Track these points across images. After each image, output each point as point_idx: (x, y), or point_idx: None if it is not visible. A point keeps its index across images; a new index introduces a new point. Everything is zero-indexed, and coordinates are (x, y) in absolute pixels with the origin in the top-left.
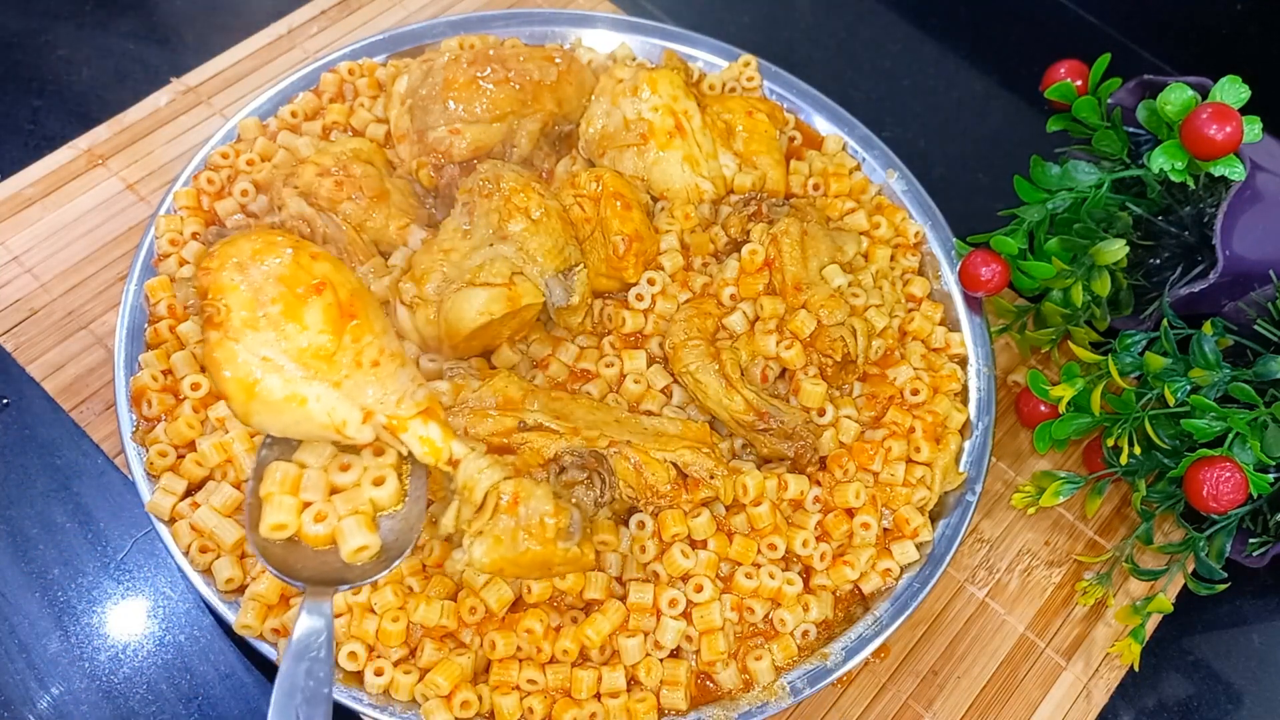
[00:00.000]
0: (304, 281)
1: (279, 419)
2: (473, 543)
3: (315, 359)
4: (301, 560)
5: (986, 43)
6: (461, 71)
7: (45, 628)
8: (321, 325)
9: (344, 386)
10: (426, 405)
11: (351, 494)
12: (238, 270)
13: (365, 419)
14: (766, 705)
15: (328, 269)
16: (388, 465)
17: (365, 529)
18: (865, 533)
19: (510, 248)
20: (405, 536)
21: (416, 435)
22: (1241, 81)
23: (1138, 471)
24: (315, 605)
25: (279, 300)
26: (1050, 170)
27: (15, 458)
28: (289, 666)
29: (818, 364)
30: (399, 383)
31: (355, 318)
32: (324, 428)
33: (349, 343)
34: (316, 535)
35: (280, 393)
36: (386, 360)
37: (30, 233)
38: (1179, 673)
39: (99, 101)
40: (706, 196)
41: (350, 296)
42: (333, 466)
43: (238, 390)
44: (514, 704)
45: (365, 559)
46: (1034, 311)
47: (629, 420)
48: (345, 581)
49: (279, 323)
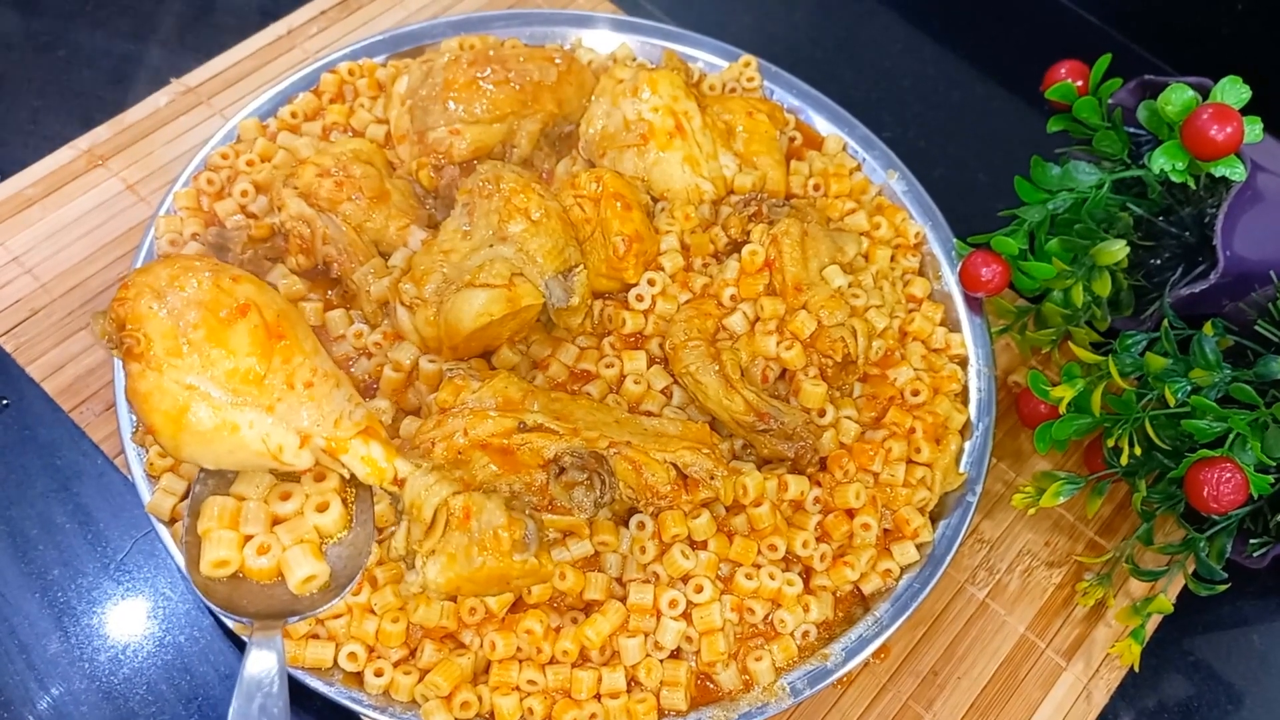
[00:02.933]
0: (226, 304)
1: (211, 450)
2: (426, 563)
3: (245, 384)
4: (247, 596)
5: (986, 43)
6: (462, 72)
7: (45, 628)
8: (248, 348)
9: (277, 410)
10: (366, 424)
11: (294, 523)
12: (155, 298)
13: (303, 443)
14: (766, 706)
15: (251, 290)
16: (330, 490)
17: (312, 557)
18: (865, 533)
19: (510, 248)
20: (354, 563)
21: (358, 456)
22: (1242, 82)
23: (1138, 472)
24: (264, 640)
25: (201, 325)
26: (1051, 170)
27: (15, 458)
28: (240, 706)
29: (818, 364)
30: (335, 403)
31: (284, 338)
32: (260, 455)
33: (279, 364)
34: (261, 569)
35: (210, 422)
36: (320, 380)
37: (30, 233)
38: (1179, 673)
39: (99, 101)
40: (706, 197)
41: (276, 317)
42: (273, 497)
43: (165, 423)
44: (514, 704)
45: (314, 588)
46: (1034, 312)
47: (629, 421)
48: (294, 613)
49: (203, 348)
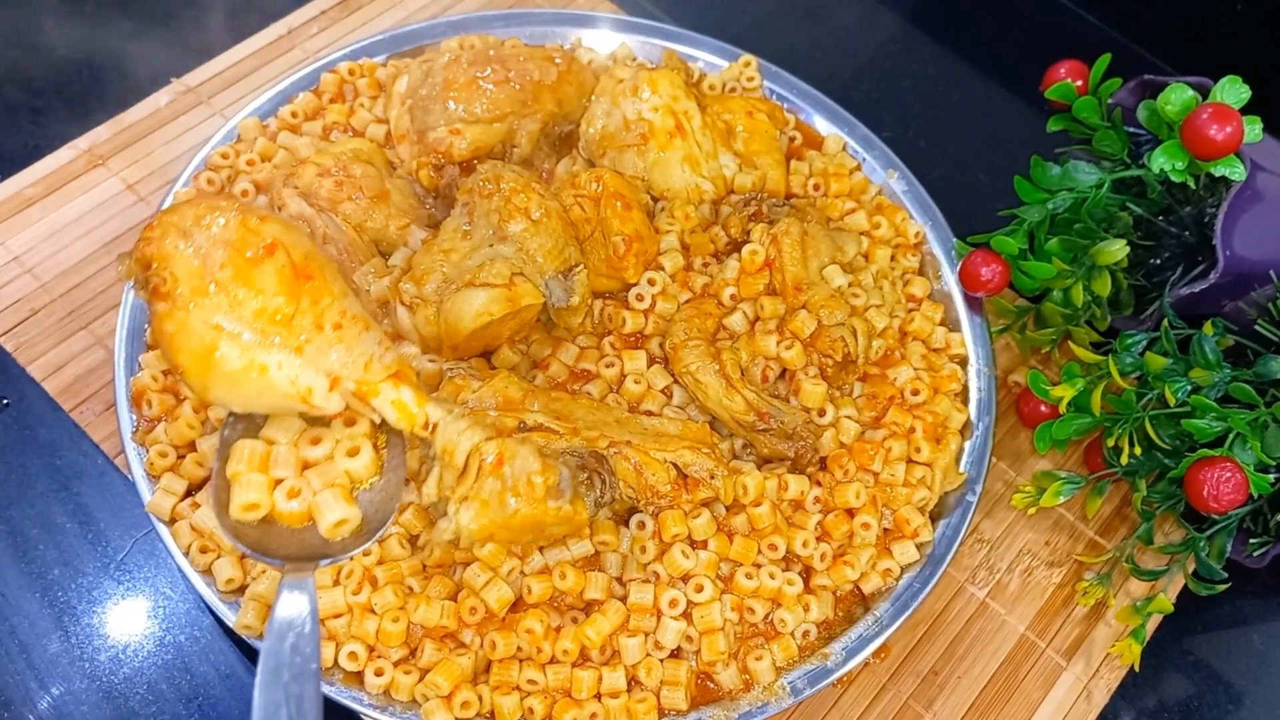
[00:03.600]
0: (253, 244)
1: (240, 391)
2: (458, 509)
3: (272, 324)
4: (278, 540)
5: (986, 43)
6: (462, 72)
7: (45, 628)
8: (276, 288)
9: (306, 352)
10: (396, 368)
11: (325, 468)
12: (181, 237)
13: (332, 386)
14: (767, 705)
15: (277, 230)
16: (361, 435)
17: (343, 501)
18: (865, 533)
19: (510, 248)
20: (385, 508)
21: (388, 400)
22: (1242, 81)
23: (1138, 472)
24: (296, 582)
25: (228, 265)
26: (1050, 170)
27: (15, 458)
28: (272, 644)
29: (818, 364)
30: (365, 346)
31: (311, 279)
32: (289, 397)
33: (307, 305)
34: (291, 513)
35: (238, 362)
36: (349, 323)
37: (30, 233)
38: (1179, 673)
39: (99, 101)
40: (707, 196)
41: (304, 258)
42: (303, 441)
43: (193, 363)
44: (514, 704)
45: (345, 533)
46: (1034, 312)
47: (629, 420)
48: (326, 556)
49: (230, 288)
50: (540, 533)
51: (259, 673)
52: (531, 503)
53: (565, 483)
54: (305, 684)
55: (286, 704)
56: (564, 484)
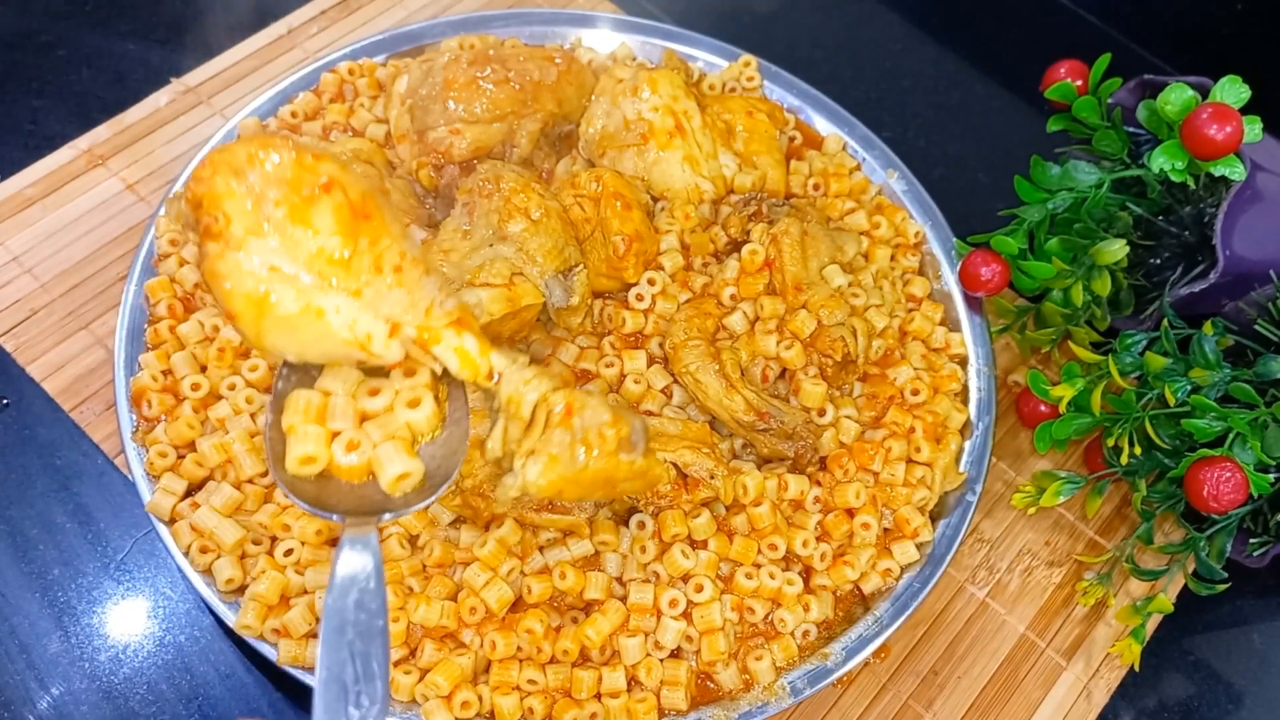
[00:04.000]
0: (309, 182)
1: (295, 337)
2: (525, 464)
3: (330, 265)
4: (336, 495)
5: (986, 43)
6: (461, 71)
7: (45, 628)
8: (333, 228)
9: (365, 296)
10: (459, 314)
11: (384, 419)
12: (234, 175)
13: (392, 332)
14: (767, 705)
15: (334, 168)
16: (422, 386)
17: (405, 454)
18: (865, 533)
19: (510, 248)
20: (449, 462)
21: (450, 347)
22: (1242, 81)
23: (1138, 471)
24: (357, 536)
25: (283, 203)
26: (1050, 170)
27: (15, 458)
28: (335, 601)
29: (818, 364)
30: (426, 290)
31: (369, 218)
32: (347, 344)
33: (365, 246)
34: (350, 466)
35: (294, 305)
36: (409, 265)
37: (30, 233)
38: (1179, 673)
39: (99, 101)
40: (706, 196)
41: (361, 197)
42: (360, 392)
43: (247, 306)
44: (514, 704)
45: (408, 487)
46: (1034, 311)
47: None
48: (388, 510)
49: (285, 228)
50: (612, 488)
51: (321, 631)
52: (604, 456)
53: (638, 435)
54: (371, 642)
55: (351, 662)
56: (637, 436)
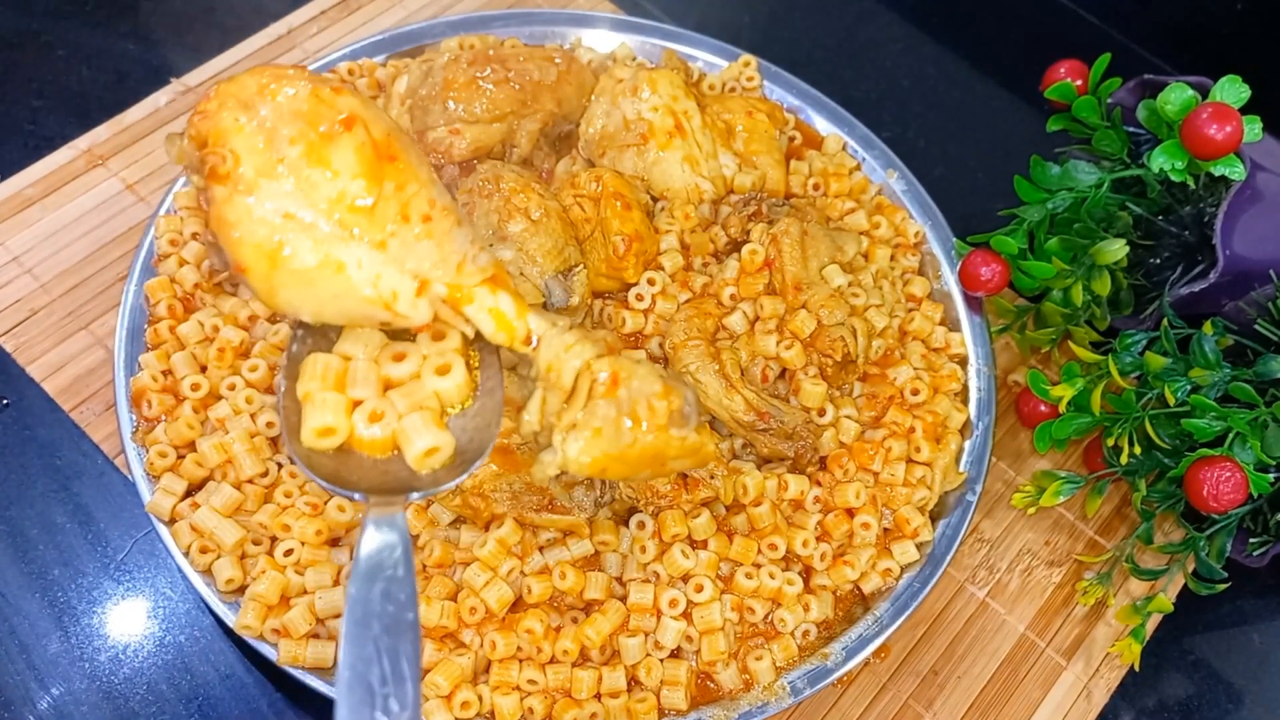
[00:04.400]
0: (327, 118)
1: (313, 294)
2: (566, 438)
3: (352, 212)
4: (357, 472)
5: (986, 43)
6: (461, 71)
7: (45, 628)
8: (355, 169)
9: (390, 248)
10: (493, 271)
11: (411, 387)
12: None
13: (420, 290)
14: (767, 705)
15: (354, 104)
16: (451, 351)
17: (434, 426)
18: (865, 533)
19: (510, 248)
20: (482, 435)
21: (484, 308)
22: (1241, 81)
23: (1138, 471)
24: (383, 518)
25: (299, 141)
26: (1050, 170)
27: (15, 458)
28: (360, 589)
29: (818, 364)
30: (457, 243)
31: (395, 159)
32: (369, 303)
33: (391, 191)
34: (374, 440)
35: (312, 258)
36: (440, 215)
37: (30, 233)
38: (1179, 672)
39: (99, 101)
40: (706, 196)
41: (385, 135)
42: (384, 357)
43: (258, 258)
44: (514, 704)
45: (437, 464)
46: (1034, 311)
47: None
48: (415, 489)
49: (301, 169)
50: (661, 466)
51: (344, 623)
52: (653, 430)
53: (690, 407)
54: (401, 638)
55: (379, 659)
56: (689, 408)
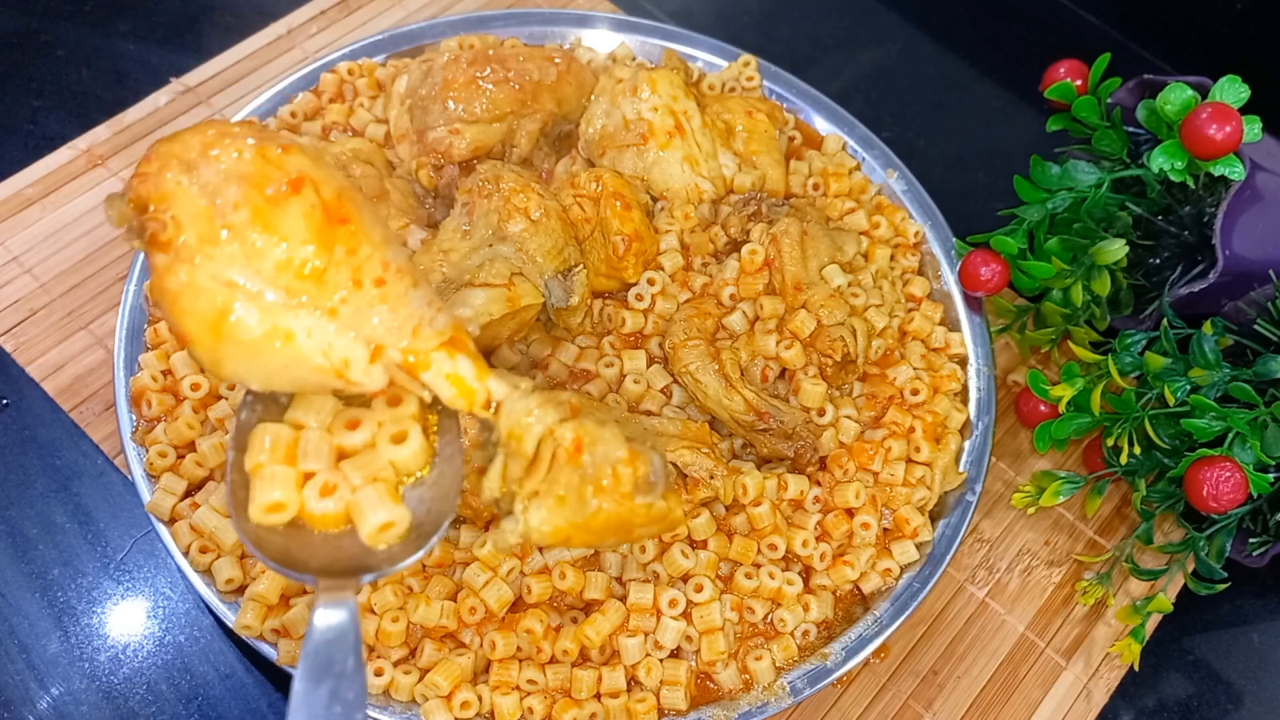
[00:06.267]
0: (274, 179)
1: (259, 364)
2: (527, 507)
3: (300, 279)
4: (308, 549)
5: (986, 43)
6: (461, 71)
7: (45, 628)
8: (304, 234)
9: (341, 315)
10: (451, 334)
11: (365, 457)
12: (185, 171)
13: (374, 356)
14: (767, 705)
15: (304, 163)
16: (408, 417)
17: (389, 500)
18: (865, 533)
19: (510, 248)
20: (440, 506)
21: (442, 373)
22: (1241, 81)
23: (1138, 471)
24: (333, 603)
25: (243, 205)
26: (1050, 170)
27: (15, 458)
28: (305, 689)
29: (818, 364)
30: (413, 306)
31: (347, 222)
32: (320, 372)
33: (342, 255)
34: (326, 514)
35: (258, 328)
36: (394, 277)
37: (30, 233)
38: (1179, 672)
39: (99, 101)
40: (706, 196)
41: (336, 196)
42: (337, 425)
43: (201, 330)
44: (514, 704)
45: (392, 539)
46: (1034, 311)
47: (629, 420)
48: (368, 569)
49: (246, 235)
50: (627, 534)
51: None
52: (618, 498)
53: (657, 473)
54: None
55: None
56: (655, 475)
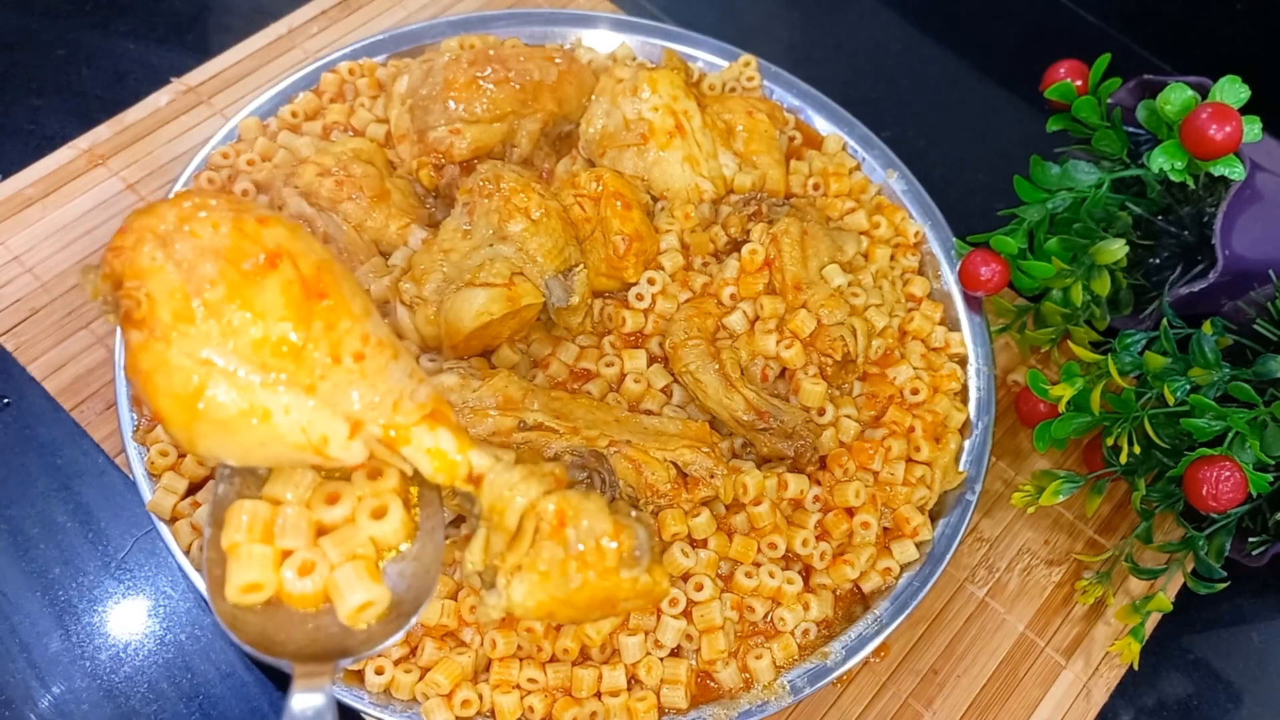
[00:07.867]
0: (251, 254)
1: (236, 442)
2: (510, 582)
3: (277, 357)
4: (286, 629)
5: (986, 43)
6: (462, 71)
7: (46, 627)
8: (281, 311)
9: (319, 391)
10: (432, 407)
11: (345, 534)
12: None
13: (353, 432)
14: (767, 704)
15: (282, 236)
16: (388, 491)
17: (368, 579)
18: (865, 532)
19: (510, 248)
20: (421, 582)
21: (423, 447)
22: (1241, 81)
23: (1137, 471)
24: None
25: (219, 281)
26: (1050, 170)
27: (15, 458)
28: None
29: (818, 363)
30: (393, 380)
31: (326, 297)
32: (298, 448)
33: (320, 331)
34: (304, 594)
35: (234, 407)
36: (373, 351)
37: (30, 233)
38: (1179, 672)
39: (99, 101)
40: (706, 196)
41: (315, 270)
42: (316, 500)
43: (175, 409)
44: (514, 703)
45: (371, 618)
46: (1034, 311)
47: (629, 420)
48: (347, 653)
49: (221, 311)
50: (612, 608)
51: None
52: (601, 574)
53: (642, 546)
54: None
55: None
56: (640, 548)
